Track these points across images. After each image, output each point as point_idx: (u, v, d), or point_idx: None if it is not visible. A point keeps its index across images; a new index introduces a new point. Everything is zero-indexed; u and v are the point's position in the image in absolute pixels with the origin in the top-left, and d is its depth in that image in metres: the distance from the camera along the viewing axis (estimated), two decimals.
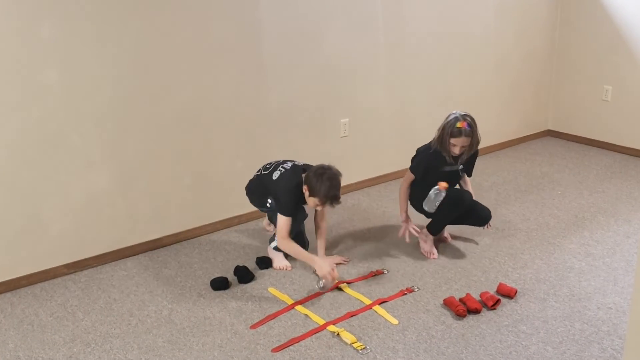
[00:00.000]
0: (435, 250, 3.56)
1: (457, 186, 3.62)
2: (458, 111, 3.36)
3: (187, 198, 3.77)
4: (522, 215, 4.08)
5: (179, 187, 3.71)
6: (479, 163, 3.67)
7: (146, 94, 3.46)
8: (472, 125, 3.32)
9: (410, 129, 4.63)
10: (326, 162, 4.36)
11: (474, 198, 3.56)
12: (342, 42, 4.22)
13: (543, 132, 5.83)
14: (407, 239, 3.58)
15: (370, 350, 2.71)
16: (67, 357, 2.72)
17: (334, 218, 4.08)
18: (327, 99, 4.25)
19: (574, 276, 3.30)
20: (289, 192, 3.25)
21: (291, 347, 2.74)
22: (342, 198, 4.34)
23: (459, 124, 3.28)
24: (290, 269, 3.43)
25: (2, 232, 3.19)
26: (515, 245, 3.67)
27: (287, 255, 3.45)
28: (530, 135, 5.73)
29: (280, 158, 3.52)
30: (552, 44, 5.58)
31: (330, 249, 3.63)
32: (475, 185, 4.57)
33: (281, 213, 3.25)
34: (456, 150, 3.35)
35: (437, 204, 3.42)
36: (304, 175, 3.25)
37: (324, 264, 3.16)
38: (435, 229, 3.55)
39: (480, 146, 5.25)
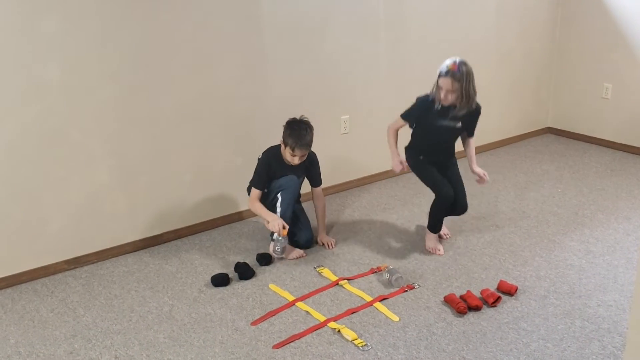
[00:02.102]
0: (440, 247, 3.56)
1: (458, 158, 3.58)
2: (458, 57, 3.21)
3: (187, 194, 3.77)
4: (522, 213, 4.08)
5: (179, 183, 3.71)
6: (479, 161, 3.67)
7: (146, 90, 3.46)
8: (463, 70, 3.13)
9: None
10: (327, 160, 4.38)
11: (474, 167, 3.54)
12: (343, 39, 4.22)
13: (543, 129, 5.84)
14: (398, 171, 3.56)
15: (371, 347, 2.71)
16: (68, 353, 2.72)
17: (335, 214, 4.08)
18: (327, 95, 4.25)
19: (574, 273, 3.31)
20: (262, 160, 3.48)
21: (292, 344, 2.75)
22: (343, 194, 4.40)
23: (450, 65, 3.15)
24: (305, 255, 3.52)
25: (3, 227, 3.19)
26: (515, 242, 3.67)
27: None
28: (530, 132, 5.73)
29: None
30: (553, 41, 5.58)
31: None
32: (476, 183, 4.58)
33: (252, 184, 3.50)
34: (442, 95, 3.20)
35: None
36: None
37: (275, 220, 3.34)
38: (433, 227, 3.55)
39: (481, 143, 5.32)
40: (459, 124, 3.38)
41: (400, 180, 4.60)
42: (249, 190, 3.55)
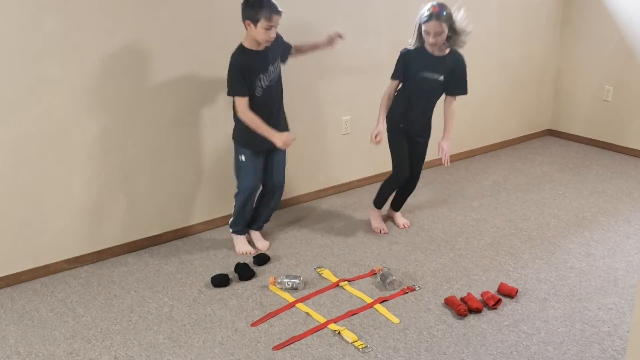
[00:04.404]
0: (384, 226, 3.70)
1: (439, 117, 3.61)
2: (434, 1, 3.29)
3: (188, 194, 3.76)
4: (522, 215, 4.08)
5: (180, 183, 3.71)
6: (479, 162, 3.67)
7: (148, 90, 3.45)
8: (445, 9, 3.22)
9: None
10: (328, 160, 4.38)
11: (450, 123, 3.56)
12: (345, 40, 4.21)
13: (544, 131, 5.84)
14: (371, 139, 3.51)
15: (371, 349, 2.71)
16: (67, 353, 2.72)
17: (335, 215, 4.08)
18: (329, 96, 4.25)
19: (575, 276, 3.31)
20: (232, 64, 3.17)
21: (292, 345, 2.74)
22: (343, 195, 4.40)
23: (431, 9, 3.23)
24: (252, 252, 3.49)
25: (3, 226, 3.19)
26: (516, 244, 3.67)
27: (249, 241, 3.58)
28: (531, 134, 5.73)
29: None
30: (554, 44, 5.58)
31: (331, 246, 3.65)
32: (476, 185, 4.59)
33: (233, 94, 3.21)
34: (430, 39, 3.25)
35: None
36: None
37: (280, 137, 3.20)
38: (378, 202, 3.70)
39: (481, 144, 5.32)
40: (442, 77, 3.41)
41: None
42: (234, 106, 3.30)
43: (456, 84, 3.50)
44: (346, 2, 4.14)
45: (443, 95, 3.55)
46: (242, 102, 3.19)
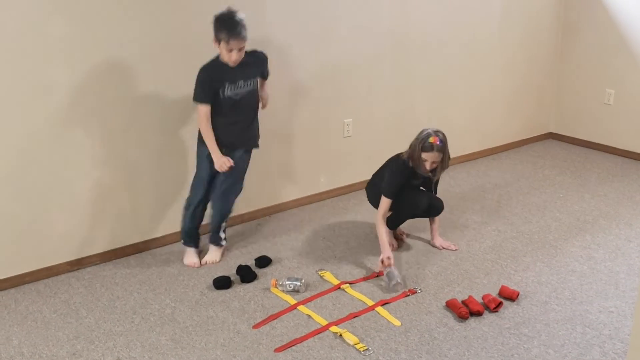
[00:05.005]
0: (394, 241, 3.66)
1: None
2: (430, 128, 3.40)
3: None
4: (524, 218, 4.09)
5: (182, 185, 3.71)
6: (480, 165, 3.70)
7: (152, 92, 3.47)
8: (444, 141, 3.36)
9: (413, 131, 4.58)
10: (330, 162, 4.38)
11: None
12: (348, 43, 4.23)
13: (545, 134, 5.84)
14: (384, 266, 3.31)
15: (373, 352, 2.72)
16: (70, 354, 2.73)
17: (337, 218, 4.10)
18: (330, 98, 4.26)
19: (576, 279, 3.32)
20: (201, 70, 3.20)
21: (294, 348, 2.75)
22: (346, 197, 4.41)
23: (431, 139, 3.32)
24: (198, 266, 3.46)
25: (7, 228, 3.20)
26: (517, 247, 3.68)
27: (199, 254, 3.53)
28: (532, 137, 5.73)
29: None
30: (556, 47, 5.59)
31: (332, 248, 3.66)
32: (478, 188, 4.61)
33: (195, 100, 3.23)
34: (427, 165, 3.37)
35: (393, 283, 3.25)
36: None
37: (219, 160, 3.23)
38: (393, 224, 3.63)
39: (483, 147, 5.33)
40: (420, 181, 3.57)
41: None
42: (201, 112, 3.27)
43: (431, 184, 3.63)
44: (348, 3, 4.15)
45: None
46: (202, 110, 3.21)
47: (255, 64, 3.35)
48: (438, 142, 3.32)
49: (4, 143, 3.09)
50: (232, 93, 3.25)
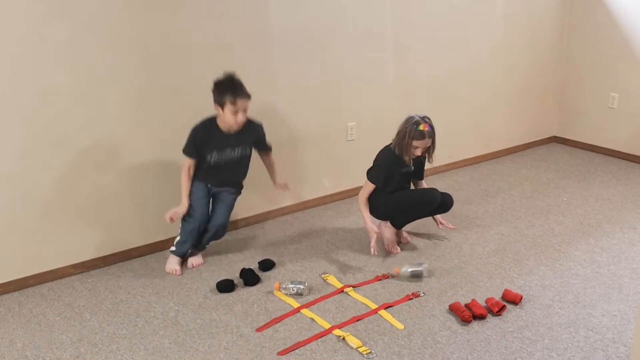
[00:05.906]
0: (398, 245, 3.69)
1: (412, 186, 3.72)
2: (416, 114, 3.46)
3: None
4: (527, 222, 4.09)
5: None
6: (484, 169, 3.70)
7: (155, 96, 3.48)
8: (432, 126, 3.44)
9: None
10: (334, 166, 4.39)
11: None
12: (351, 47, 4.24)
13: (549, 138, 5.84)
14: (375, 252, 3.47)
15: (376, 355, 2.72)
16: (74, 357, 2.74)
17: (341, 221, 4.10)
18: (334, 102, 4.27)
19: (579, 283, 3.31)
20: (193, 128, 3.29)
21: (297, 351, 2.76)
22: (349, 201, 4.42)
23: (421, 127, 3.38)
24: (178, 273, 3.44)
25: (11, 231, 3.22)
26: (520, 251, 3.67)
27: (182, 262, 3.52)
28: (536, 141, 5.73)
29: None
30: (559, 51, 5.59)
31: (336, 252, 3.66)
32: (481, 191, 4.61)
33: (183, 151, 3.33)
34: (418, 152, 3.45)
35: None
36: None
37: (177, 207, 3.33)
38: (400, 224, 3.65)
39: (486, 151, 5.34)
40: (412, 167, 3.58)
41: None
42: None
43: (422, 170, 3.72)
44: (352, 9, 4.16)
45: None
46: (186, 162, 3.34)
47: (249, 133, 3.40)
48: (428, 129, 3.39)
49: (7, 146, 3.11)
50: (218, 159, 3.35)
